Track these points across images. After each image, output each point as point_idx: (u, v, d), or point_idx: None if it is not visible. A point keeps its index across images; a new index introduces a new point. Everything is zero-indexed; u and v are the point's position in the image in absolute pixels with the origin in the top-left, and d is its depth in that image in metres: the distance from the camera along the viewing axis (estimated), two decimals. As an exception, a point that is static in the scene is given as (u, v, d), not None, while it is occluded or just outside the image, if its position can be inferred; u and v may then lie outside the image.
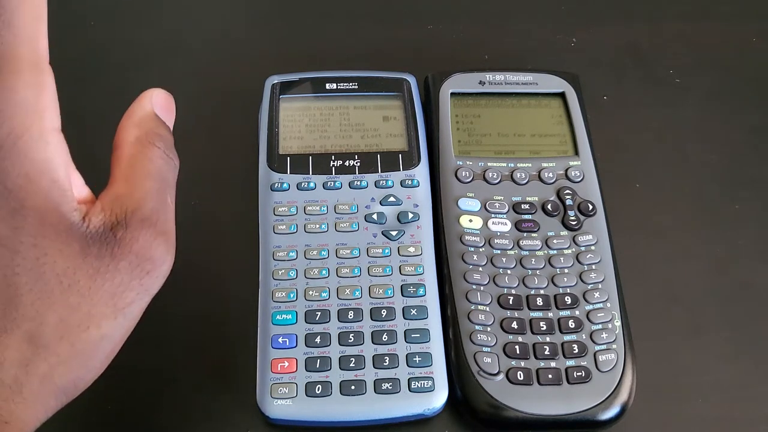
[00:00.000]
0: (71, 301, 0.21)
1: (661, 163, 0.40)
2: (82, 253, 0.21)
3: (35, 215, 0.20)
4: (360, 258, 0.33)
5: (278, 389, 0.30)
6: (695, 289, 0.36)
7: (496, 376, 0.31)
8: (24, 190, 0.20)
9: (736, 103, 0.43)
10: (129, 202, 0.23)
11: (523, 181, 0.36)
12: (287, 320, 0.32)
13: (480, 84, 0.39)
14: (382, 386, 0.30)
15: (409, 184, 0.36)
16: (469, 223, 0.35)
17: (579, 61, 0.43)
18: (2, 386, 0.20)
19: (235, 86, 0.41)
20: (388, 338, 0.31)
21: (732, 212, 0.39)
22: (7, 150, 0.19)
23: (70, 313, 0.21)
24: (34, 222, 0.20)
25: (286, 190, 0.35)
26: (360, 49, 0.44)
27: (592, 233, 0.35)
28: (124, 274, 0.22)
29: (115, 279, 0.22)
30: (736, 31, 0.46)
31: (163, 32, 0.44)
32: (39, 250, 0.20)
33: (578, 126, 0.38)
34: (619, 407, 0.31)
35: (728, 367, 0.34)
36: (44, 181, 0.20)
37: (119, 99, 0.41)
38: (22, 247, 0.20)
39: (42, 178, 0.20)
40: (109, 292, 0.22)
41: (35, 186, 0.20)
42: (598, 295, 0.33)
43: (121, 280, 0.22)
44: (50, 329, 0.20)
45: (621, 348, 0.32)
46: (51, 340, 0.21)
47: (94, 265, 0.21)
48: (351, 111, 0.38)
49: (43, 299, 0.20)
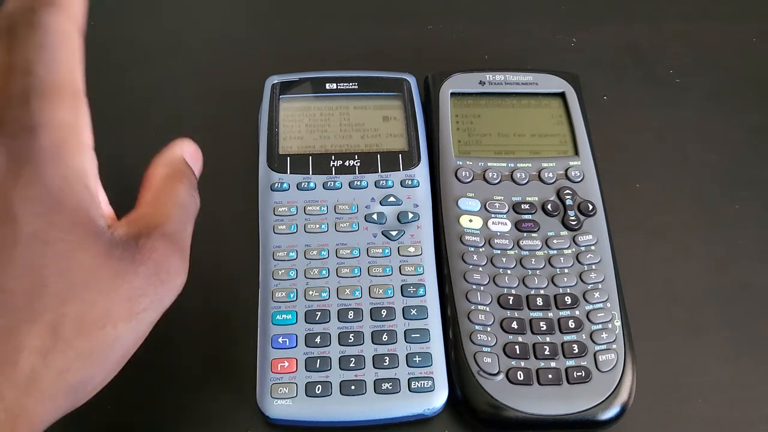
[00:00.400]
0: (92, 297, 0.22)
1: (661, 163, 0.40)
2: (106, 254, 0.23)
3: (68, 214, 0.22)
4: (360, 258, 0.34)
5: (278, 389, 0.30)
6: (695, 289, 0.36)
7: (496, 376, 0.31)
8: (61, 190, 0.22)
9: (736, 103, 0.43)
10: (152, 219, 0.25)
11: (523, 181, 0.36)
12: (287, 320, 0.32)
13: (480, 84, 0.39)
14: (382, 386, 0.30)
15: (409, 184, 0.36)
16: (469, 223, 0.35)
17: (579, 61, 0.43)
18: (19, 375, 0.21)
19: (235, 86, 0.41)
20: (388, 338, 0.31)
21: (732, 212, 0.39)
22: (50, 155, 0.22)
23: (89, 308, 0.22)
24: (67, 220, 0.22)
25: (286, 190, 0.35)
26: (360, 49, 0.44)
27: (592, 233, 0.35)
28: (142, 279, 0.23)
29: (134, 282, 0.23)
30: (736, 31, 0.46)
31: (163, 32, 0.44)
32: (67, 245, 0.22)
33: (578, 126, 0.38)
34: (619, 407, 0.31)
35: (728, 367, 0.34)
36: (78, 186, 0.23)
37: (119, 99, 0.41)
38: (53, 240, 0.22)
39: (77, 183, 0.22)
40: (127, 294, 0.23)
41: (70, 188, 0.22)
42: (598, 295, 0.33)
43: (138, 284, 0.23)
44: (70, 322, 0.22)
45: (621, 348, 0.32)
46: (71, 333, 0.22)
47: (115, 267, 0.23)
48: (351, 111, 0.38)
49: (66, 292, 0.22)
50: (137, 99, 0.41)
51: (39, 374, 0.21)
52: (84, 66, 0.25)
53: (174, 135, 0.38)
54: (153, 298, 0.24)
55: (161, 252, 0.24)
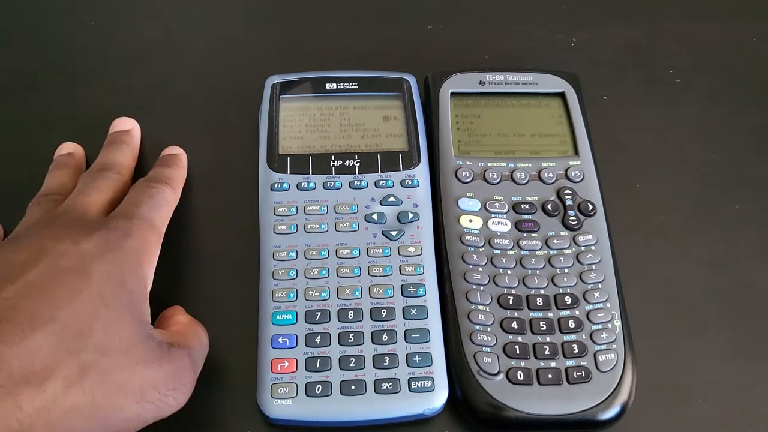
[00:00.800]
0: (120, 363, 0.26)
1: (661, 163, 0.40)
2: (143, 339, 0.27)
3: (127, 295, 0.28)
4: (360, 258, 0.33)
5: (278, 389, 0.30)
6: (695, 289, 0.36)
7: (496, 376, 0.31)
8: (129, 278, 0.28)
9: (736, 103, 0.43)
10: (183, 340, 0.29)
11: (523, 181, 0.36)
12: (287, 320, 0.32)
13: (480, 84, 0.39)
14: (382, 386, 0.30)
15: (409, 184, 0.36)
16: (469, 223, 0.35)
17: (579, 61, 0.43)
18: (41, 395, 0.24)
19: (235, 86, 0.41)
20: (388, 338, 0.31)
21: (732, 212, 0.39)
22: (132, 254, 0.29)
23: (115, 370, 0.26)
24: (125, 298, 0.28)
25: (286, 190, 0.35)
26: (360, 49, 0.44)
27: (592, 233, 0.35)
28: (162, 375, 0.27)
29: (155, 374, 0.27)
30: (736, 31, 0.46)
31: (163, 32, 0.44)
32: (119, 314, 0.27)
33: (578, 126, 0.38)
34: (619, 407, 0.31)
35: (728, 367, 0.34)
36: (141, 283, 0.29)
37: (119, 99, 0.41)
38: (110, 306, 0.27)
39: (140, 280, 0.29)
40: (145, 380, 0.27)
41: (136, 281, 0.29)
42: (598, 295, 0.33)
43: (158, 378, 0.27)
44: (98, 372, 0.25)
45: (621, 348, 0.32)
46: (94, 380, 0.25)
47: (147, 353, 0.27)
48: (351, 111, 0.38)
49: (105, 348, 0.26)
50: (137, 99, 0.41)
51: (55, 402, 0.24)
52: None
53: (174, 135, 0.39)
54: (160, 398, 0.27)
55: (185, 364, 0.28)
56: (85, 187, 0.33)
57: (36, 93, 0.41)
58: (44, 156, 0.37)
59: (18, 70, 0.42)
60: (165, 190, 0.34)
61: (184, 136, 0.39)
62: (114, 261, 0.28)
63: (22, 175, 0.37)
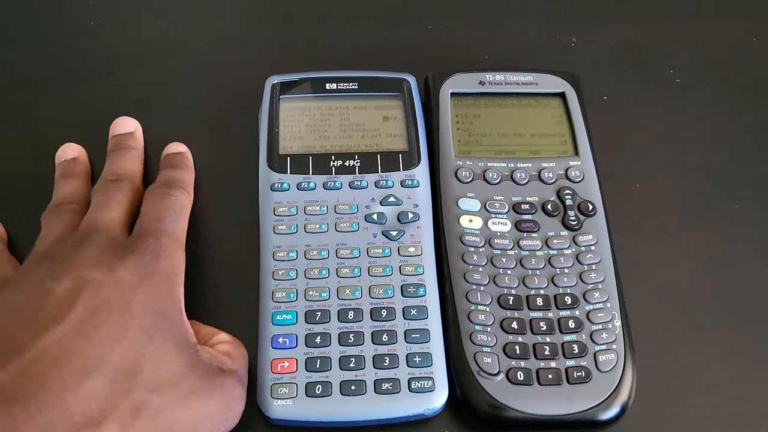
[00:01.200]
0: (171, 398, 0.26)
1: (661, 163, 0.40)
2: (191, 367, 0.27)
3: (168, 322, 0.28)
4: (360, 258, 0.33)
5: (278, 389, 0.30)
6: (695, 289, 0.36)
7: (496, 376, 0.31)
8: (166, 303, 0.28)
9: (736, 103, 0.43)
10: (231, 364, 0.29)
11: (523, 181, 0.36)
12: (287, 320, 0.32)
13: (480, 84, 0.39)
14: (382, 386, 0.30)
15: (409, 184, 0.36)
16: (469, 223, 0.35)
17: (579, 61, 0.43)
18: None
19: (235, 86, 0.41)
20: (388, 338, 0.31)
21: (732, 212, 0.39)
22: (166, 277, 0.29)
23: (167, 406, 0.26)
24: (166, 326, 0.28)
25: (286, 190, 0.35)
26: (360, 49, 0.44)
27: (592, 233, 0.35)
28: (213, 406, 0.27)
29: (207, 405, 0.27)
30: (736, 31, 0.46)
31: (163, 32, 0.44)
32: (164, 346, 0.27)
33: (578, 126, 0.38)
34: (619, 407, 0.31)
35: (728, 367, 0.34)
36: (177, 305, 0.29)
37: (120, 99, 0.41)
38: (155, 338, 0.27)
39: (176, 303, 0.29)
40: (197, 413, 0.27)
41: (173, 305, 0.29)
42: (598, 295, 0.33)
43: (209, 409, 0.27)
44: (150, 410, 0.25)
45: (621, 348, 0.32)
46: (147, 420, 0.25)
47: (197, 383, 0.27)
48: (351, 111, 0.38)
49: (154, 384, 0.26)
50: (137, 99, 0.41)
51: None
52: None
53: (174, 135, 0.39)
54: (213, 427, 0.27)
55: (237, 392, 0.29)
56: (103, 201, 0.32)
57: (36, 93, 0.41)
58: (44, 156, 0.37)
59: (18, 70, 0.42)
60: (181, 196, 0.34)
61: (184, 136, 0.39)
62: (150, 289, 0.28)
63: (22, 175, 0.37)
